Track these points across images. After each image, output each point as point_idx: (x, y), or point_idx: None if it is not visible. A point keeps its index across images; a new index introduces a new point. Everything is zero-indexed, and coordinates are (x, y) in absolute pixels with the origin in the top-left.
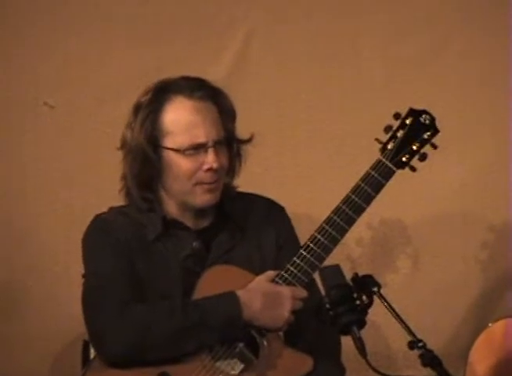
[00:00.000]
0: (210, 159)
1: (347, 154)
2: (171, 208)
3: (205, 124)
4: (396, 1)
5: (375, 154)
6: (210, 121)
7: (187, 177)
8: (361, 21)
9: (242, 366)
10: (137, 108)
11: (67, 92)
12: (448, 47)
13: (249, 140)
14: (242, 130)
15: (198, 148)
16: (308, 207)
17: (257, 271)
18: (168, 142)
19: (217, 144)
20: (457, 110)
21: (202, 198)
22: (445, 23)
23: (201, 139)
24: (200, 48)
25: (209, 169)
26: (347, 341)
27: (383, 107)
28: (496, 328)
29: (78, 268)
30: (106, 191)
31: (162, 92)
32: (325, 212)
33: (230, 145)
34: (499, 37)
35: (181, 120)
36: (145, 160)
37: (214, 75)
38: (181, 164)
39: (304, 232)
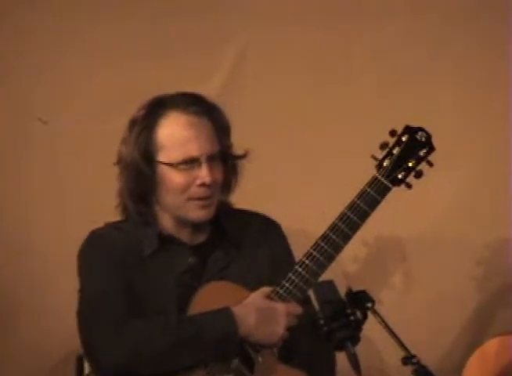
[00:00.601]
0: (203, 174)
1: (342, 169)
2: (167, 223)
3: (199, 139)
4: (391, 11)
5: (371, 169)
6: (204, 136)
7: (180, 191)
8: (355, 32)
9: None
10: (132, 123)
11: (61, 108)
12: (443, 58)
13: (244, 156)
14: (235, 146)
15: (191, 162)
16: (303, 222)
17: (252, 288)
18: (162, 156)
19: (211, 159)
20: (452, 126)
21: (196, 213)
22: (440, 33)
23: (194, 154)
24: (194, 64)
25: (202, 184)
26: (341, 357)
27: (379, 121)
28: (490, 346)
29: (70, 283)
30: (101, 206)
31: (157, 107)
32: (320, 228)
33: (225, 160)
34: (494, 48)
35: (175, 134)
36: (139, 175)
37: (208, 91)
38: (174, 178)
39: (298, 247)
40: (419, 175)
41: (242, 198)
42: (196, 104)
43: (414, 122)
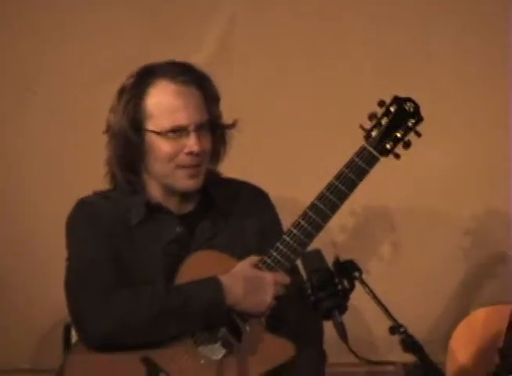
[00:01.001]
0: (191, 142)
1: (330, 140)
2: (155, 192)
3: (187, 108)
4: None
5: (359, 140)
6: (192, 105)
7: (167, 159)
8: (348, 7)
9: (224, 351)
10: (121, 91)
11: (51, 78)
12: (437, 36)
13: (232, 125)
14: (224, 116)
15: (179, 131)
16: (291, 192)
17: (240, 257)
18: (150, 124)
19: (199, 128)
20: (441, 97)
21: (184, 182)
22: (434, 11)
23: (183, 122)
24: (182, 34)
25: (190, 152)
26: (328, 326)
27: (368, 92)
28: (477, 315)
29: (61, 251)
30: (93, 175)
31: (146, 76)
32: (308, 197)
33: (214, 130)
34: (491, 23)
35: (163, 103)
36: (127, 143)
37: (197, 60)
38: (162, 146)
39: (287, 217)
40: (407, 145)
41: (231, 168)
42: (185, 73)
43: (404, 92)
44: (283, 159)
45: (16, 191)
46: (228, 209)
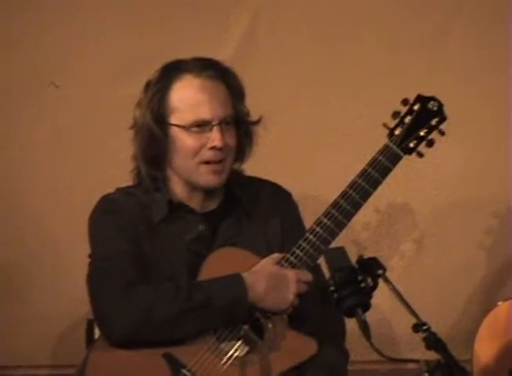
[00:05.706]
0: (214, 137)
1: (353, 137)
2: (178, 188)
3: (211, 103)
4: None
5: (382, 137)
6: (217, 100)
7: (191, 154)
8: (364, 4)
9: (246, 348)
10: (146, 86)
11: (71, 72)
12: (451, 31)
13: (257, 122)
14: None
15: (203, 125)
16: (314, 189)
17: (263, 256)
18: (174, 119)
19: (223, 123)
20: (460, 95)
21: (207, 178)
22: (447, 7)
23: (206, 116)
24: (206, 28)
25: (213, 147)
26: (351, 324)
27: (388, 91)
28: (501, 309)
29: (81, 249)
30: (109, 172)
31: (171, 71)
32: (331, 195)
33: (239, 126)
34: (502, 20)
35: (187, 97)
36: (151, 138)
37: (219, 56)
38: (185, 140)
39: (309, 216)
40: (430, 143)
41: (255, 165)
42: (210, 68)
43: (424, 90)
44: (305, 157)
45: (36, 188)
46: (252, 208)
